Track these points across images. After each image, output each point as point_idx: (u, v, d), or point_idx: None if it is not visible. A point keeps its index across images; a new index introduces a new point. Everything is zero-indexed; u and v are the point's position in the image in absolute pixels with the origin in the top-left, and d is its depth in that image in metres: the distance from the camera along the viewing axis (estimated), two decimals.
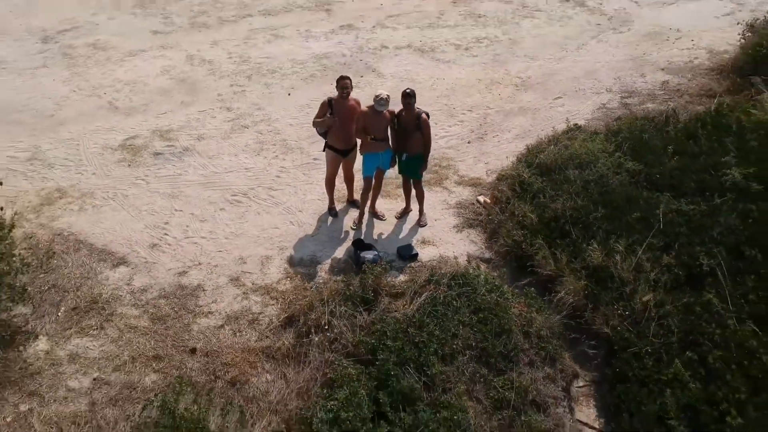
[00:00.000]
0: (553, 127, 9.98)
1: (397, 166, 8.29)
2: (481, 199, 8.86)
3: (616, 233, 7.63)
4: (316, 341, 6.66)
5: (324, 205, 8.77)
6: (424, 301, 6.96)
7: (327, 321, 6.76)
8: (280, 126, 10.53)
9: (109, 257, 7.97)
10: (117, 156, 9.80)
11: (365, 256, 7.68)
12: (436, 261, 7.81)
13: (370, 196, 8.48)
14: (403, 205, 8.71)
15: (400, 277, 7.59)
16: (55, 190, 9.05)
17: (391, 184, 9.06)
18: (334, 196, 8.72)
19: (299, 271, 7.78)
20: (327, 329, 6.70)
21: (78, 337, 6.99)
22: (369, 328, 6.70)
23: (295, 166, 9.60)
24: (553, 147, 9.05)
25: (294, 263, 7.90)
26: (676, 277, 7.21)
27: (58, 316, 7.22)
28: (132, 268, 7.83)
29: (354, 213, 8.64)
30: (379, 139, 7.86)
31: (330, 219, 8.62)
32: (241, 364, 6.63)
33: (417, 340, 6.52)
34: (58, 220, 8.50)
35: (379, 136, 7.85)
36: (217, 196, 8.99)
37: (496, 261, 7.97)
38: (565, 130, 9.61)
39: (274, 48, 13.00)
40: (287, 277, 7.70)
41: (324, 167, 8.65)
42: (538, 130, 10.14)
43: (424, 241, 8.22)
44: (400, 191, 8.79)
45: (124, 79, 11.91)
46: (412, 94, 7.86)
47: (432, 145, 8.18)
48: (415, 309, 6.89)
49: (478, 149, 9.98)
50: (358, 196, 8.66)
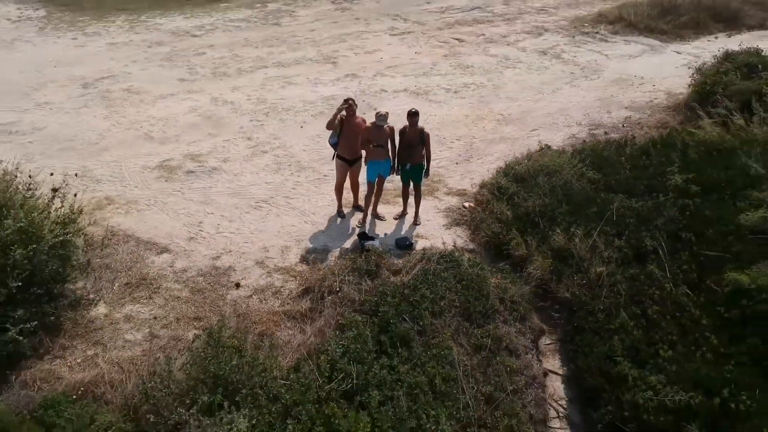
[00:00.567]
0: (528, 149, 11.65)
1: (400, 174, 9.87)
2: (466, 204, 10.46)
3: (576, 223, 9.21)
4: (328, 301, 8.14)
5: (333, 209, 10.35)
6: (417, 272, 8.49)
7: (338, 286, 8.27)
8: (294, 151, 12.23)
9: (154, 247, 9.50)
10: (155, 174, 11.45)
11: (369, 243, 9.23)
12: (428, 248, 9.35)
13: (372, 200, 10.06)
14: (401, 209, 10.30)
15: (398, 261, 9.11)
16: (104, 198, 10.64)
17: (390, 194, 10.65)
18: (341, 202, 10.32)
19: (313, 256, 9.29)
20: (338, 291, 8.20)
21: (131, 304, 8.46)
22: (372, 291, 8.20)
23: (308, 181, 11.24)
24: (526, 161, 10.73)
25: (309, 251, 9.43)
26: (625, 255, 8.76)
27: (114, 289, 8.70)
28: (173, 255, 9.35)
29: (359, 215, 10.21)
30: (380, 146, 9.49)
31: (339, 219, 10.19)
32: (267, 323, 8.07)
33: (411, 299, 8.01)
34: (108, 220, 10.04)
35: (380, 142, 9.48)
36: (242, 203, 10.59)
37: (478, 250, 9.50)
38: (538, 150, 11.30)
39: (287, 92, 14.84)
40: (303, 261, 9.22)
41: (333, 179, 10.30)
42: (516, 154, 11.80)
43: (417, 236, 9.76)
44: (399, 199, 10.38)
45: (157, 116, 13.67)
46: (416, 113, 9.55)
47: None
48: (410, 278, 8.40)
49: (464, 168, 11.64)
50: (361, 202, 10.25)
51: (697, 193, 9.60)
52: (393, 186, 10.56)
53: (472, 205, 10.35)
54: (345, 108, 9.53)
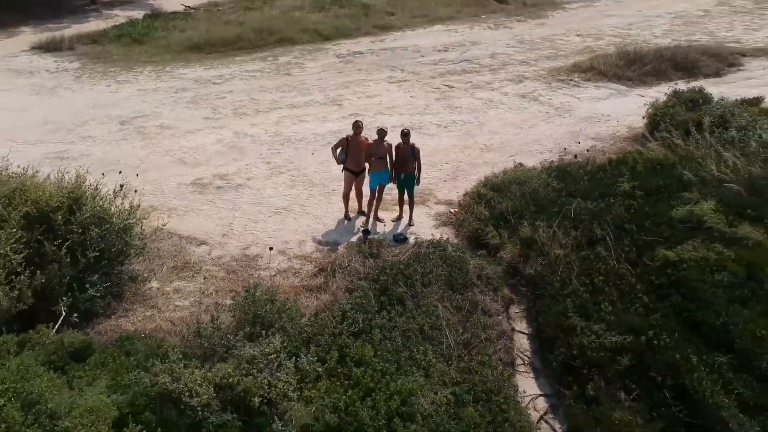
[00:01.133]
0: (505, 168, 13.79)
1: (397, 183, 11.95)
2: (452, 210, 12.53)
3: (541, 219, 11.26)
4: (339, 274, 10.14)
5: (341, 214, 12.40)
6: (411, 254, 10.51)
7: (346, 262, 10.27)
8: (307, 172, 14.36)
9: (193, 240, 11.54)
10: (190, 189, 13.55)
11: (371, 237, 11.27)
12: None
13: (374, 205, 12.11)
14: (397, 213, 12.35)
15: (395, 249, 11.12)
16: (149, 206, 12.67)
17: (388, 203, 12.72)
18: (348, 208, 12.39)
19: (325, 248, 11.32)
20: (347, 266, 10.20)
21: (178, 281, 10.44)
22: (374, 267, 10.20)
23: (319, 194, 13.33)
24: (502, 175, 12.86)
25: (321, 244, 11.46)
26: (579, 242, 10.78)
27: (163, 270, 10.69)
28: (210, 246, 11.38)
29: (363, 218, 12.25)
30: (380, 158, 11.62)
31: (346, 222, 12.23)
32: (289, 293, 10.03)
33: (406, 273, 10.00)
34: (153, 222, 12.08)
35: (381, 156, 11.62)
36: (265, 209, 12.66)
37: (461, 243, 11.52)
38: (512, 167, 13.44)
39: (299, 127, 17.08)
40: (317, 251, 11.24)
41: (340, 193, 12.38)
42: (495, 173, 13.91)
43: (411, 233, 11.80)
44: (396, 207, 12.43)
45: (187, 146, 15.86)
46: (408, 133, 11.72)
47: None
48: (405, 257, 10.42)
49: (451, 185, 13.74)
50: (365, 207, 12.30)
51: (641, 196, 11.69)
52: (391, 197, 12.63)
53: (457, 210, 12.42)
54: (353, 126, 11.71)
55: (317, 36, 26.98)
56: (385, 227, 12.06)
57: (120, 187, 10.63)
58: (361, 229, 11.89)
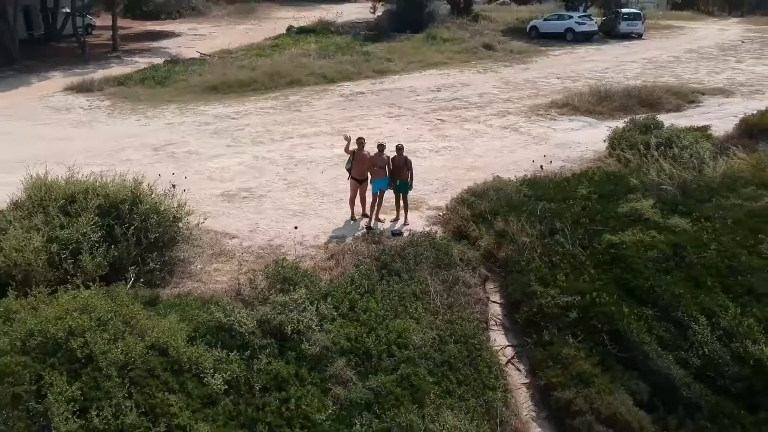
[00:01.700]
0: (486, 181, 16.34)
1: (393, 189, 14.46)
2: (441, 213, 15.03)
3: (513, 216, 13.75)
4: (348, 256, 12.57)
5: (348, 216, 14.87)
6: (405, 242, 12.96)
7: (354, 248, 12.73)
8: (318, 186, 16.90)
9: (227, 235, 13.99)
10: (220, 199, 16.06)
11: (373, 231, 13.74)
12: None
13: (375, 208, 14.58)
14: (395, 215, 14.84)
15: (393, 241, 13.57)
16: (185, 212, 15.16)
17: (386, 208, 15.20)
18: (354, 211, 14.87)
19: (335, 240, 13.77)
20: (354, 251, 12.64)
21: (216, 263, 12.86)
22: (376, 250, 12.64)
23: (329, 202, 15.84)
24: (482, 184, 15.40)
25: (332, 238, 13.90)
26: (542, 232, 13.24)
27: (203, 257, 13.11)
28: (241, 239, 13.83)
29: (366, 219, 14.72)
30: (380, 168, 14.16)
31: (352, 222, 14.70)
32: (307, 270, 12.44)
33: (402, 254, 12.44)
34: (192, 221, 14.53)
35: (380, 166, 14.16)
36: (284, 213, 15.14)
37: (447, 236, 13.97)
38: (492, 179, 16.00)
39: (310, 152, 19.69)
40: (329, 242, 13.69)
41: (347, 201, 14.87)
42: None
43: (406, 230, 14.26)
44: (394, 211, 14.91)
45: (214, 167, 18.44)
46: (402, 147, 14.29)
47: (412, 194, 14.52)
48: (401, 244, 12.87)
49: (440, 195, 16.26)
50: (368, 210, 14.78)
51: (595, 198, 14.24)
52: (390, 204, 15.11)
53: (446, 212, 14.92)
54: (357, 142, 14.29)
55: (323, 79, 29.93)
56: (383, 226, 14.52)
57: (172, 186, 13.13)
58: (365, 227, 14.35)
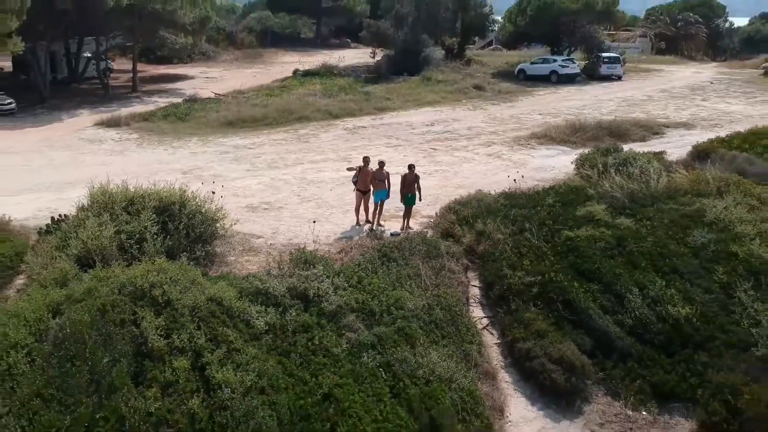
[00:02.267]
0: (469, 194, 19.31)
1: (404, 201, 17.35)
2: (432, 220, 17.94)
3: (490, 220, 16.66)
4: (354, 249, 15.45)
5: (354, 222, 17.76)
6: (402, 239, 15.85)
7: (360, 243, 15.61)
8: (328, 200, 19.84)
9: (253, 236, 16.87)
10: (244, 209, 18.98)
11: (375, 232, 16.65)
12: None
13: (377, 216, 17.47)
14: (396, 224, 17.73)
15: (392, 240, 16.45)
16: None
17: (387, 214, 18.11)
18: (359, 217, 17.77)
19: (344, 240, 16.64)
20: (360, 245, 15.52)
21: (247, 257, 15.71)
22: (378, 245, 15.52)
23: (338, 212, 18.76)
24: (467, 196, 18.36)
25: (340, 238, 16.78)
26: (513, 231, 16.14)
27: (236, 252, 15.97)
28: (265, 239, 16.71)
29: (368, 225, 17.61)
30: (380, 181, 17.10)
31: (357, 227, 17.60)
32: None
33: (399, 247, 15.31)
34: (226, 224, 17.40)
35: (381, 179, 17.10)
36: (300, 220, 18.04)
37: (436, 235, 16.85)
38: (474, 192, 18.96)
39: (320, 174, 22.70)
40: (338, 241, 16.56)
41: (353, 208, 17.79)
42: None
43: (403, 233, 17.16)
44: (393, 219, 17.81)
45: (237, 187, 21.39)
46: (413, 165, 17.27)
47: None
48: (398, 241, 15.76)
49: (432, 208, 19.18)
50: (371, 217, 17.68)
51: (559, 205, 17.17)
52: (389, 213, 18.02)
53: (436, 218, 17.83)
54: (362, 160, 17.27)
55: (328, 115, 33.15)
56: (384, 230, 17.42)
57: (212, 192, 16.08)
58: (368, 228, 17.24)
